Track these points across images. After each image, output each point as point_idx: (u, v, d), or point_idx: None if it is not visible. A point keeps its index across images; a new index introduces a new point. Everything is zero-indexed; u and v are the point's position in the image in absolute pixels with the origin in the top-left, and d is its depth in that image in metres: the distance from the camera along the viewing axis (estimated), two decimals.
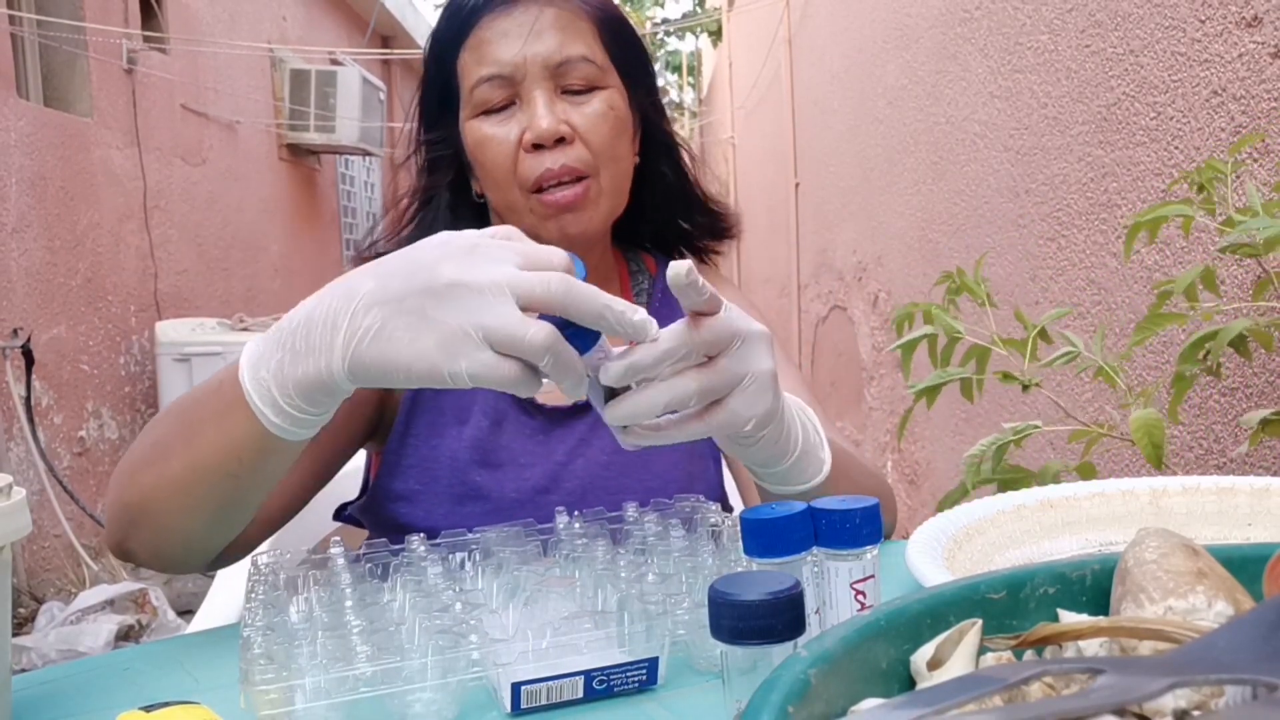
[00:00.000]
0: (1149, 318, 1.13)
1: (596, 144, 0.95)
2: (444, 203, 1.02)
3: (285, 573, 0.69)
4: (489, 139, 0.95)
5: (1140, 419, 1.05)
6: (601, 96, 0.96)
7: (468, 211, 1.03)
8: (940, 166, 2.84)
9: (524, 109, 0.94)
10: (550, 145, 0.93)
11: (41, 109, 3.91)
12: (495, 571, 0.68)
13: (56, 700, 0.64)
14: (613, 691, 0.59)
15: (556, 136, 0.93)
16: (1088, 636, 0.36)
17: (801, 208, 5.38)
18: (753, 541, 0.54)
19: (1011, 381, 1.21)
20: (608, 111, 0.96)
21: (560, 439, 0.99)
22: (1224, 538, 0.75)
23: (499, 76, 0.94)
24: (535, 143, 0.93)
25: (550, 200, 0.94)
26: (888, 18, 3.33)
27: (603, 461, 0.98)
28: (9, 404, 3.43)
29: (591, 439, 0.99)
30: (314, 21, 7.18)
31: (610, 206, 0.98)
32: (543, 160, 0.93)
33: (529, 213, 0.95)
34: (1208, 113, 1.53)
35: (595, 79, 0.96)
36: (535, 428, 0.99)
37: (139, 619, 3.03)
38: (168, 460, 0.73)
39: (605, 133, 0.95)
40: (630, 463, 0.98)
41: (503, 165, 0.94)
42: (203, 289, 5.10)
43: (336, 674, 0.54)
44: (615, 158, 0.97)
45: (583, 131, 0.94)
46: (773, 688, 0.32)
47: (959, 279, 1.29)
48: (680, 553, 0.70)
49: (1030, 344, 1.23)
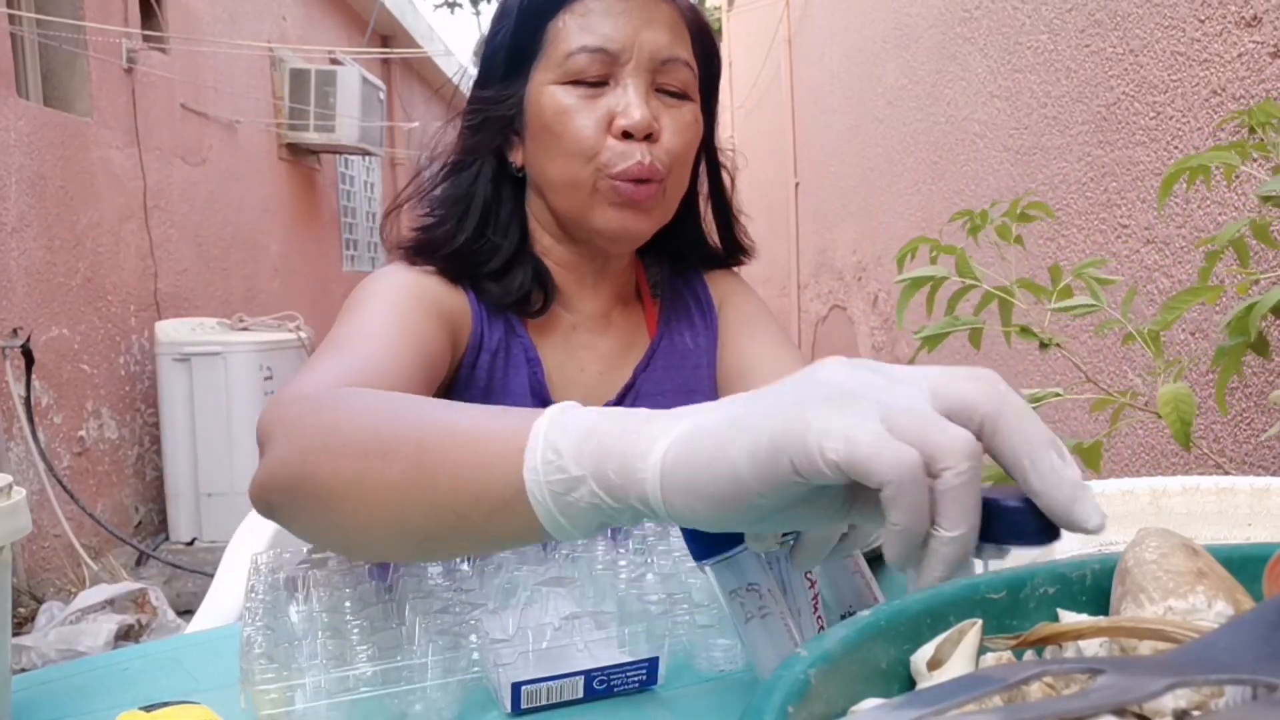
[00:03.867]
0: (1186, 291, 1.05)
1: (676, 151, 0.94)
2: (489, 169, 0.98)
3: (285, 572, 0.69)
4: (572, 110, 0.92)
5: (1169, 393, 0.99)
6: (690, 107, 0.96)
7: (508, 184, 1.00)
8: (940, 166, 2.83)
9: (616, 93, 0.92)
10: (640, 138, 0.91)
11: (41, 108, 3.91)
12: (495, 571, 0.68)
13: (56, 700, 0.64)
14: (613, 691, 0.59)
15: (650, 131, 0.91)
16: (1088, 636, 0.36)
17: (801, 207, 5.37)
18: (695, 546, 0.52)
19: (1030, 337, 1.15)
20: (693, 123, 0.96)
21: None
22: (1224, 538, 0.75)
23: (603, 51, 0.91)
24: (627, 130, 0.91)
25: (627, 191, 0.92)
26: (887, 17, 3.33)
27: None
28: (9, 404, 3.43)
29: None
30: (314, 21, 7.18)
31: (664, 215, 0.98)
32: (633, 152, 0.91)
33: (593, 191, 0.93)
34: (1207, 112, 1.53)
35: (688, 87, 0.95)
36: None
37: (139, 619, 3.02)
38: (388, 462, 0.57)
39: (686, 141, 0.95)
40: None
41: (584, 141, 0.91)
42: (203, 289, 5.10)
43: (337, 674, 0.54)
44: (684, 169, 0.97)
45: (668, 135, 0.93)
46: (772, 688, 0.32)
47: (979, 218, 1.19)
48: (680, 553, 0.70)
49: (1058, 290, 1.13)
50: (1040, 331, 1.14)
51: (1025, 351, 2.25)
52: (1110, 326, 1.12)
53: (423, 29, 9.14)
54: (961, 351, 2.68)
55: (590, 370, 1.04)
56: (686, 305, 1.11)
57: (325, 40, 7.21)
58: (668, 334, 1.08)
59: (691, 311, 1.11)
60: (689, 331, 1.10)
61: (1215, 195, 1.52)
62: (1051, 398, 1.10)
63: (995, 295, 1.17)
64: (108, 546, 3.87)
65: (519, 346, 1.00)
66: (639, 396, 1.04)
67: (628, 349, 1.06)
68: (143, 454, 4.36)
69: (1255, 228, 1.04)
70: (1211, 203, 1.53)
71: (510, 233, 0.99)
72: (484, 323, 0.98)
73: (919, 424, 0.40)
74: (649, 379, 1.05)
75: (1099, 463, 1.11)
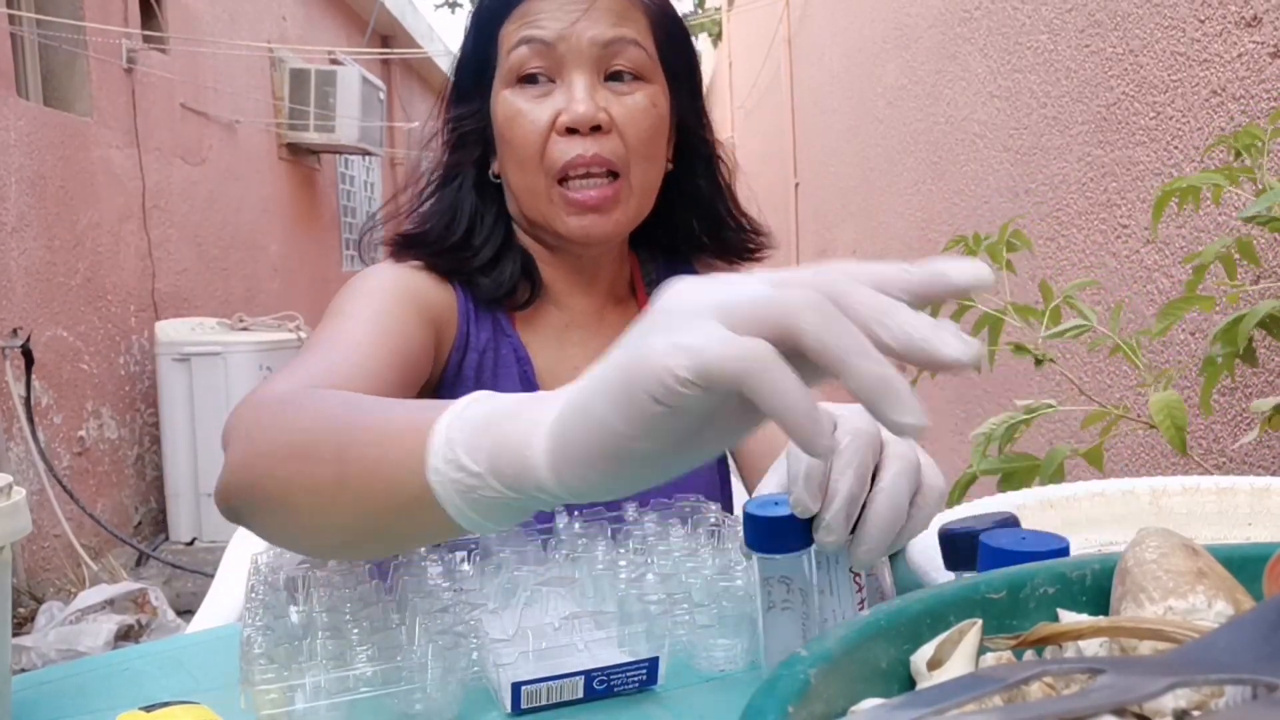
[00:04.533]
0: (1177, 300, 1.07)
1: (633, 139, 0.90)
2: (470, 180, 0.98)
3: (285, 573, 0.69)
4: (520, 114, 0.90)
5: (1161, 400, 1.00)
6: (646, 91, 0.92)
7: (493, 191, 0.99)
8: (940, 166, 2.84)
9: (562, 90, 0.90)
10: (585, 132, 0.88)
11: (41, 108, 3.91)
12: (495, 571, 0.68)
13: (56, 700, 0.64)
14: (613, 691, 0.59)
15: (593, 123, 0.88)
16: (1088, 636, 0.36)
17: (801, 208, 5.37)
18: (752, 537, 0.54)
19: (1024, 354, 1.16)
20: (650, 108, 0.92)
21: None
22: (1224, 538, 0.75)
23: (540, 41, 0.89)
24: (570, 126, 0.88)
25: (577, 199, 0.90)
26: (887, 17, 3.33)
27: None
28: (9, 404, 3.43)
29: None
30: (314, 21, 7.18)
31: (637, 210, 0.94)
32: (574, 146, 0.89)
33: (549, 202, 0.91)
34: (1207, 112, 1.53)
35: (642, 69, 0.92)
36: None
37: (139, 619, 3.02)
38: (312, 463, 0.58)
39: (644, 128, 0.91)
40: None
41: (531, 145, 0.90)
42: (202, 289, 5.10)
43: (337, 674, 0.54)
44: (649, 158, 0.93)
45: (621, 124, 0.90)
46: (772, 688, 0.32)
47: (973, 242, 1.21)
48: (680, 552, 0.70)
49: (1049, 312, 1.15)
50: (1034, 348, 1.16)
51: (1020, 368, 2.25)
52: (1101, 344, 1.13)
53: (423, 29, 9.14)
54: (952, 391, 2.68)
55: (584, 369, 1.01)
56: None
57: (325, 40, 7.20)
58: None
59: None
60: None
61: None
62: (1046, 411, 1.12)
63: (991, 318, 1.20)
64: (108, 547, 3.87)
65: (508, 346, 0.98)
66: None
67: None
68: (142, 454, 4.36)
69: (1240, 245, 1.07)
70: (1210, 202, 1.54)
71: (496, 233, 0.98)
72: (471, 322, 0.97)
73: (760, 310, 0.38)
74: None
75: (1101, 464, 1.12)
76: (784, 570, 0.54)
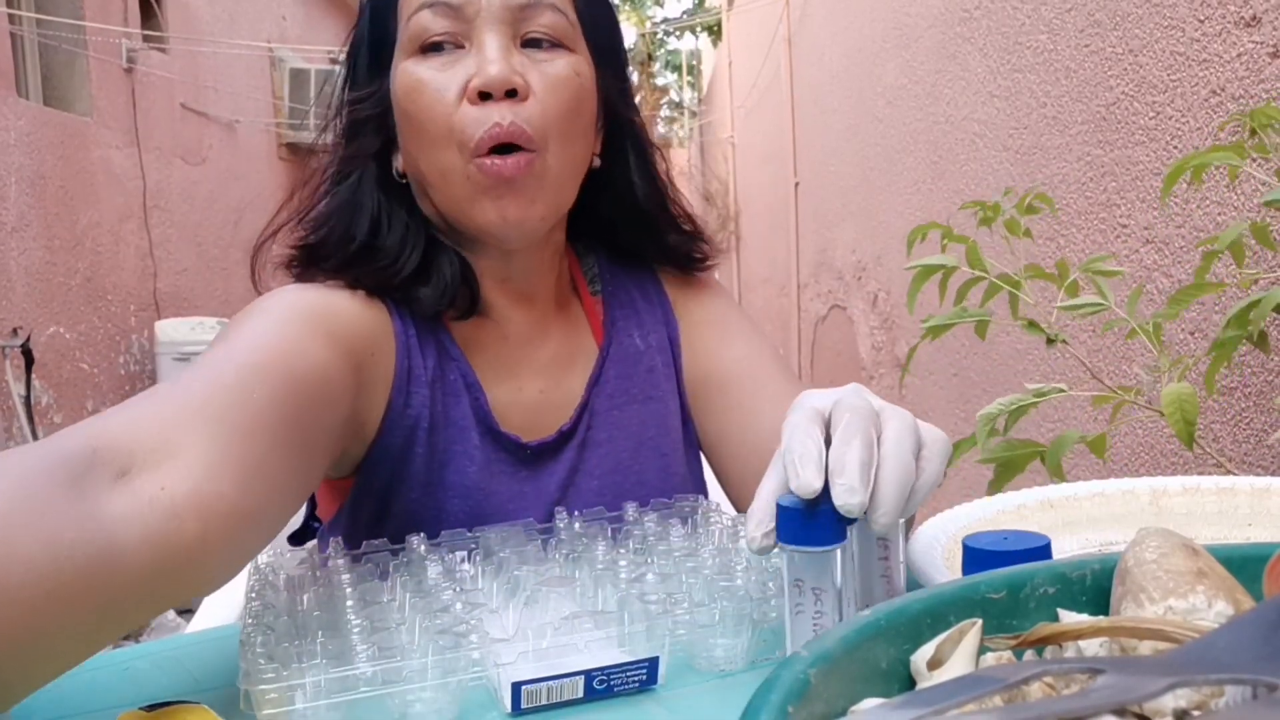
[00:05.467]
0: (1188, 288, 1.04)
1: (554, 109, 0.79)
2: (371, 176, 0.85)
3: (285, 572, 0.69)
4: (423, 84, 0.79)
5: (1173, 393, 0.98)
6: (568, 58, 0.81)
7: (395, 192, 0.86)
8: (940, 166, 2.84)
9: (473, 54, 0.79)
10: (500, 97, 0.77)
11: (41, 108, 3.91)
12: (495, 571, 0.68)
13: (56, 700, 0.64)
14: (613, 691, 0.59)
15: (509, 87, 0.77)
16: (1088, 636, 0.36)
17: (801, 207, 5.37)
18: (784, 529, 0.53)
19: (1036, 332, 1.14)
20: (572, 76, 0.81)
21: (551, 474, 0.89)
22: (1224, 538, 0.75)
23: (444, 4, 0.78)
24: (482, 90, 0.77)
25: (492, 168, 0.77)
26: (887, 17, 3.33)
27: (594, 488, 0.90)
28: (9, 403, 3.43)
29: (580, 467, 0.90)
30: (314, 21, 7.18)
31: (555, 200, 0.82)
32: (489, 113, 0.77)
33: (465, 181, 0.79)
34: (1206, 112, 1.53)
35: (563, 35, 0.81)
36: (522, 467, 0.88)
37: None
38: None
39: (565, 98, 0.80)
40: (621, 486, 0.91)
41: (439, 117, 0.78)
42: (202, 288, 5.10)
43: (337, 674, 0.54)
44: (569, 135, 0.81)
45: (539, 91, 0.79)
46: (772, 688, 0.32)
47: (991, 208, 1.17)
48: (680, 552, 0.70)
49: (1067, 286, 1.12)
50: (1047, 327, 1.14)
51: (1027, 349, 2.25)
52: (1115, 325, 1.12)
53: None
54: (966, 342, 2.68)
55: (529, 390, 0.90)
56: (632, 298, 0.97)
57: (325, 40, 7.21)
58: (615, 336, 0.94)
59: (638, 305, 0.97)
60: (637, 330, 0.96)
61: (1214, 195, 1.52)
62: (1055, 394, 1.10)
63: (1001, 286, 1.17)
64: None
65: (455, 372, 0.86)
66: (594, 414, 0.92)
67: (572, 360, 0.92)
68: None
69: (1255, 229, 1.05)
70: (1211, 203, 1.54)
71: (414, 234, 0.85)
72: (413, 351, 0.84)
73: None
74: (602, 393, 0.92)
75: (1104, 452, 1.11)
76: (799, 570, 0.54)
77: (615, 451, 0.92)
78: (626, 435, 0.93)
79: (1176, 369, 1.05)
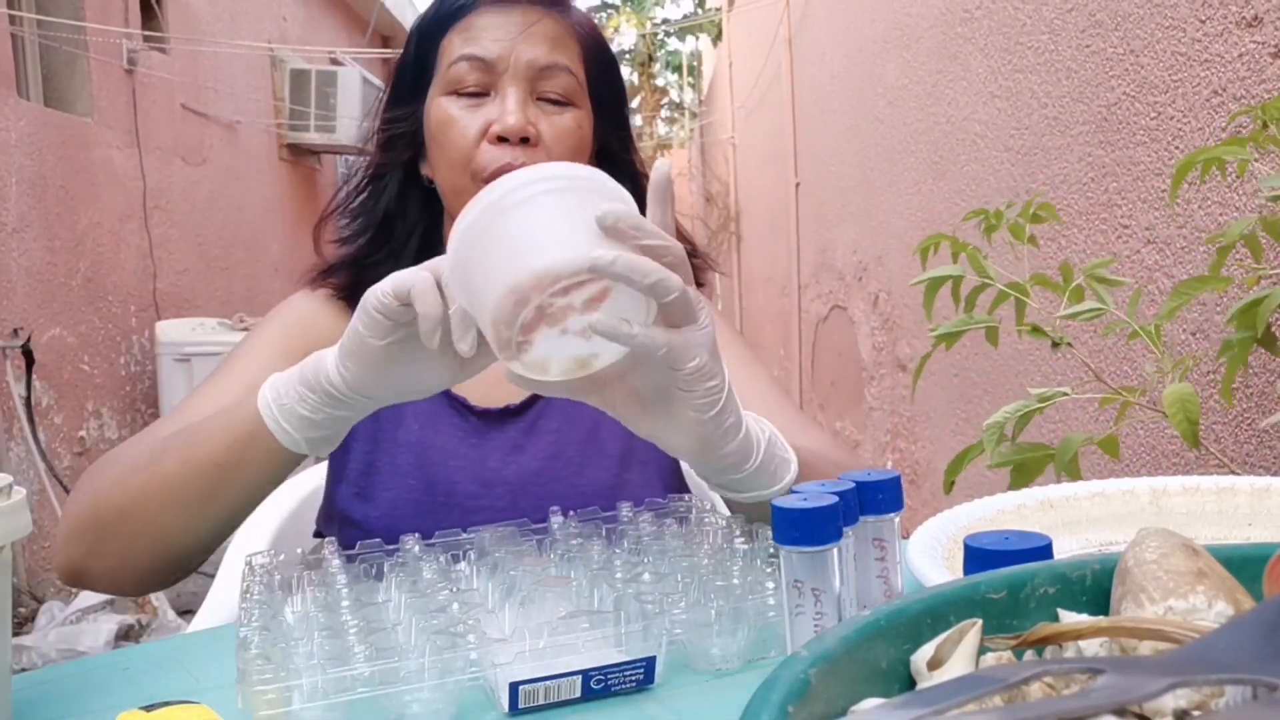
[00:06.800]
0: (1193, 279, 1.05)
1: (558, 156, 0.94)
2: (395, 180, 1.02)
3: (281, 573, 0.69)
4: (453, 120, 0.95)
5: (1175, 393, 0.99)
6: (573, 113, 0.97)
7: (417, 194, 1.03)
8: (940, 166, 2.83)
9: (496, 102, 0.95)
10: (515, 142, 0.93)
11: (42, 109, 3.91)
12: (491, 571, 0.68)
13: (56, 700, 0.64)
14: (610, 691, 0.59)
15: (523, 135, 0.93)
16: (1088, 636, 0.36)
17: (802, 208, 5.37)
18: (781, 530, 0.55)
19: (1041, 336, 1.15)
20: (575, 129, 0.97)
21: (494, 444, 0.98)
22: (1224, 538, 0.75)
23: (480, 60, 0.94)
24: (501, 135, 0.93)
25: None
26: (888, 17, 3.33)
27: (534, 468, 0.97)
28: (9, 404, 3.43)
29: (525, 444, 0.98)
30: (314, 21, 7.18)
31: None
32: (503, 154, 0.93)
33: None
34: (1208, 112, 1.53)
35: (572, 94, 0.97)
36: (468, 430, 0.99)
37: (139, 619, 3.02)
38: (162, 461, 0.79)
39: (569, 147, 0.96)
40: (562, 468, 0.97)
41: (461, 150, 0.94)
42: (203, 289, 5.10)
43: (334, 674, 0.54)
44: None
45: (548, 140, 0.95)
46: (772, 687, 0.32)
47: (994, 216, 1.19)
48: (676, 552, 0.70)
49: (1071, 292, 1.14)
50: (1051, 331, 1.15)
51: (1028, 350, 2.25)
52: (1116, 328, 1.12)
53: None
54: (968, 343, 2.68)
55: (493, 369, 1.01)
56: None
57: (325, 40, 7.21)
58: None
59: None
60: None
61: (1216, 195, 1.52)
62: (1059, 398, 1.10)
63: (1009, 294, 1.18)
64: None
65: None
66: (549, 403, 1.00)
67: None
68: None
69: (1266, 224, 1.05)
70: (1212, 203, 1.53)
71: (411, 241, 1.01)
72: None
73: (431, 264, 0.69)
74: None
75: (1117, 451, 1.11)
76: (796, 571, 0.55)
77: (562, 442, 1.00)
78: (578, 431, 1.00)
79: (1178, 370, 1.05)
